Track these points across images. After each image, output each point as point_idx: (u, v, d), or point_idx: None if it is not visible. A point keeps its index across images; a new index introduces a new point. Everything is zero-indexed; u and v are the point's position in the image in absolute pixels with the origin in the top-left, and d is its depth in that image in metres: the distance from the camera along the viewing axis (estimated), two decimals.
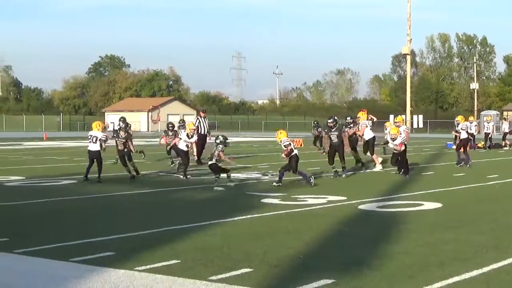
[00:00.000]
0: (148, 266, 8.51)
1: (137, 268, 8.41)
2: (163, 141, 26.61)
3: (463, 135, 25.46)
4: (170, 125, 26.64)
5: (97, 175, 19.65)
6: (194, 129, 22.60)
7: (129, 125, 24.24)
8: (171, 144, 24.13)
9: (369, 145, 24.43)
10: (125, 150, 21.01)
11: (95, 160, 19.95)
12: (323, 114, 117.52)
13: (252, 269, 8.40)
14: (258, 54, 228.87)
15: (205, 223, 12.12)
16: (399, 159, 21.31)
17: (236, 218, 12.74)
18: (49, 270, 8.48)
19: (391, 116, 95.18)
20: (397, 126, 22.49)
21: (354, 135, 24.31)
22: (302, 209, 14.08)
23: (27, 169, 24.65)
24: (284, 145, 18.64)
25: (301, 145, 41.65)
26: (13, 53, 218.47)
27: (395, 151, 21.25)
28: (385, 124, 35.58)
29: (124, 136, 21.24)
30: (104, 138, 20.08)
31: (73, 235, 10.89)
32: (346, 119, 25.23)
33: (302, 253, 9.51)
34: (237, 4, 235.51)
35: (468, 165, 24.90)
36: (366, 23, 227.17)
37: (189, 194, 17.14)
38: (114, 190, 17.65)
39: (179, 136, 23.49)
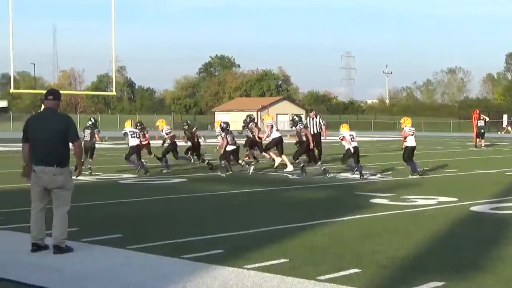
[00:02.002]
0: (256, 265, 8.57)
1: (246, 266, 8.48)
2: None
3: None
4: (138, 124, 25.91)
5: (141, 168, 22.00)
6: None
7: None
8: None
9: (275, 144, 23.81)
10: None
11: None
12: (434, 114, 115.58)
13: (361, 270, 8.34)
14: (368, 53, 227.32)
15: (313, 222, 12.11)
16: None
17: (345, 218, 12.67)
18: (160, 266, 8.65)
19: (505, 116, 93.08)
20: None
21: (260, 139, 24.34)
22: (412, 209, 13.89)
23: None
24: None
25: None
26: (127, 54, 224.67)
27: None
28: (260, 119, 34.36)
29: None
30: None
31: (183, 232, 11.08)
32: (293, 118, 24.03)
33: (412, 254, 9.38)
34: (347, 2, 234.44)
35: None
36: (478, 20, 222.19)
37: (298, 193, 17.17)
38: (223, 189, 17.85)
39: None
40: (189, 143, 25.13)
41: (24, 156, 9.81)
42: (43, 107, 10.27)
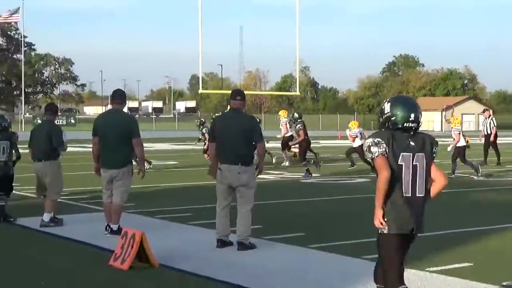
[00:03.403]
0: (439, 268, 8.41)
1: (428, 269, 8.35)
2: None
3: None
4: None
5: None
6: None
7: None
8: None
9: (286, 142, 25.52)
10: None
11: None
12: None
13: None
14: None
15: (500, 226, 11.73)
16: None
17: None
18: (341, 266, 8.68)
19: None
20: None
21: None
22: None
23: (325, 167, 25.29)
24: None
25: None
26: (311, 54, 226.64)
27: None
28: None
29: None
30: None
31: (365, 232, 11.01)
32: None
33: None
34: None
35: None
36: None
37: (485, 195, 16.65)
38: None
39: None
40: None
41: (211, 155, 10.14)
42: (229, 107, 10.54)
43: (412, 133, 5.81)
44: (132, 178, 10.90)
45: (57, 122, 22.82)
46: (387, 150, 5.70)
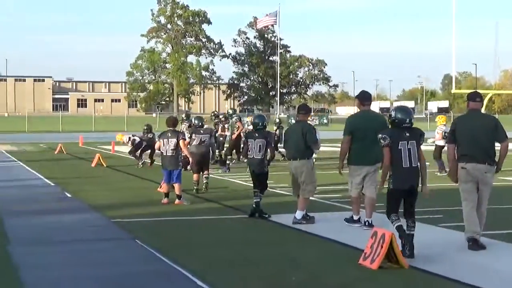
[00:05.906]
0: None
1: None
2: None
3: None
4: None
5: None
6: None
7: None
8: None
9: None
10: None
11: None
12: None
13: None
14: None
15: None
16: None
17: None
18: None
19: None
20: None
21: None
22: None
23: None
24: None
25: None
26: None
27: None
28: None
29: None
30: None
31: None
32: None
33: None
34: None
35: None
36: None
37: None
38: None
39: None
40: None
41: (451, 157, 10.00)
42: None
43: (409, 128, 9.24)
44: None
45: (311, 121, 23.52)
46: (390, 142, 9.11)
